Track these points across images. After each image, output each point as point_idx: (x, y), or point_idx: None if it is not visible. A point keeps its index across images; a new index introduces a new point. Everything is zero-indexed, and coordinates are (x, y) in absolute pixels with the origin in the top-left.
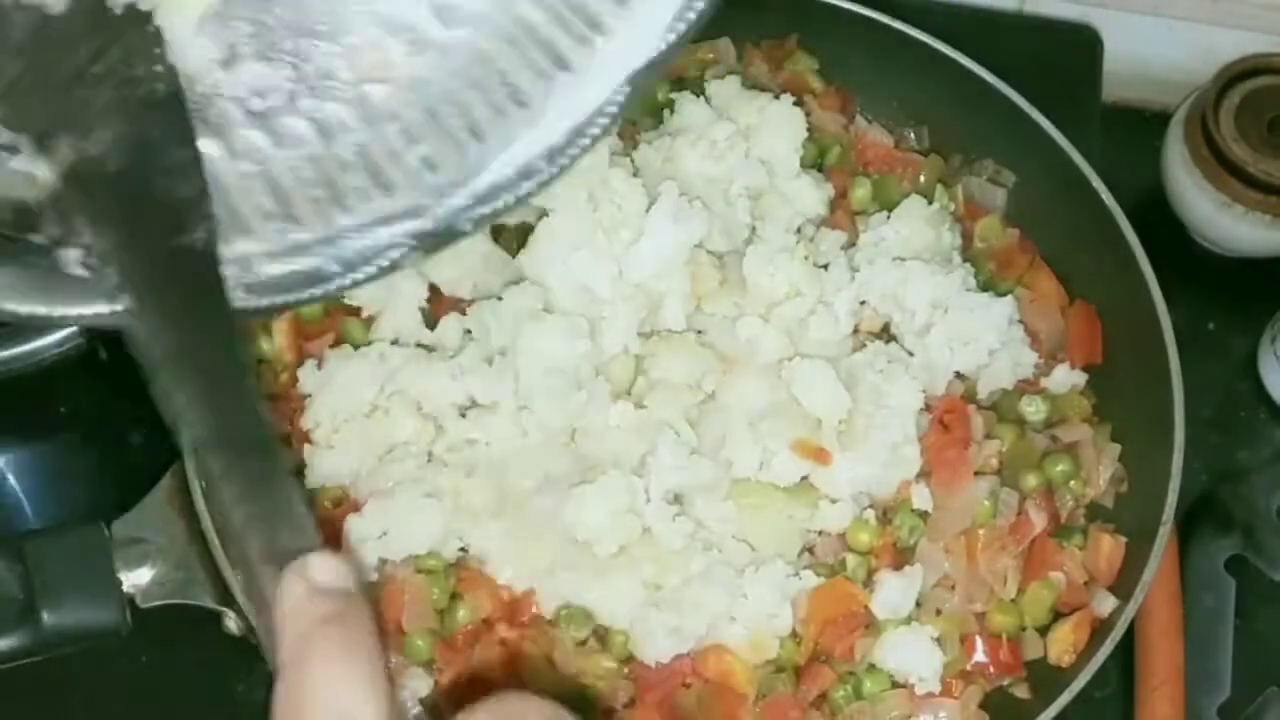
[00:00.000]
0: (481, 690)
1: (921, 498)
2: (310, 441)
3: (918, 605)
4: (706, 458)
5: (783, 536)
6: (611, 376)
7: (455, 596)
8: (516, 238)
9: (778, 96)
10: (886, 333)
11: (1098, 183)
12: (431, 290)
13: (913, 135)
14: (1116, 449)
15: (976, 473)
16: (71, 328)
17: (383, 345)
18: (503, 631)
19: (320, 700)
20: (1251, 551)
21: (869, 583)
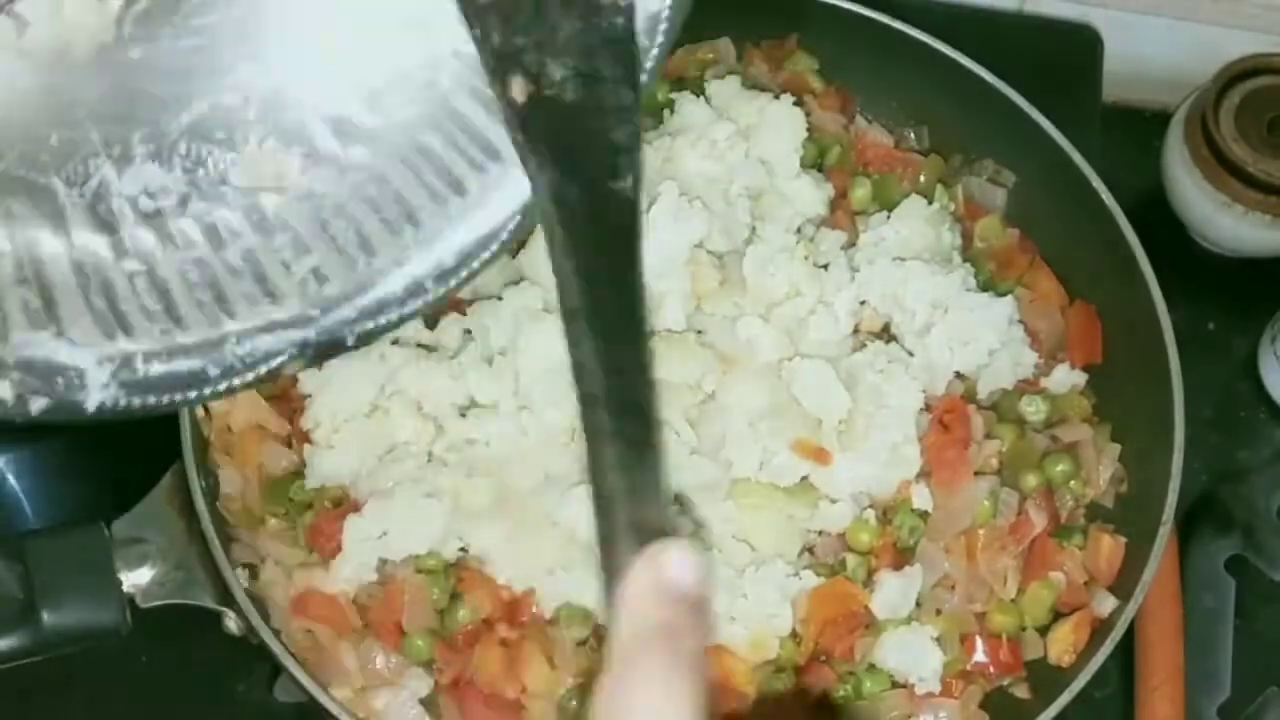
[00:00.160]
0: (482, 690)
1: (921, 498)
2: (310, 441)
3: (918, 605)
4: (706, 458)
5: (783, 536)
6: None
7: (455, 596)
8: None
9: (778, 96)
10: (886, 333)
11: (1098, 183)
12: None
13: (913, 135)
14: (1116, 449)
15: (976, 473)
16: None
17: (383, 345)
18: (503, 631)
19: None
20: (1251, 551)
21: (869, 583)
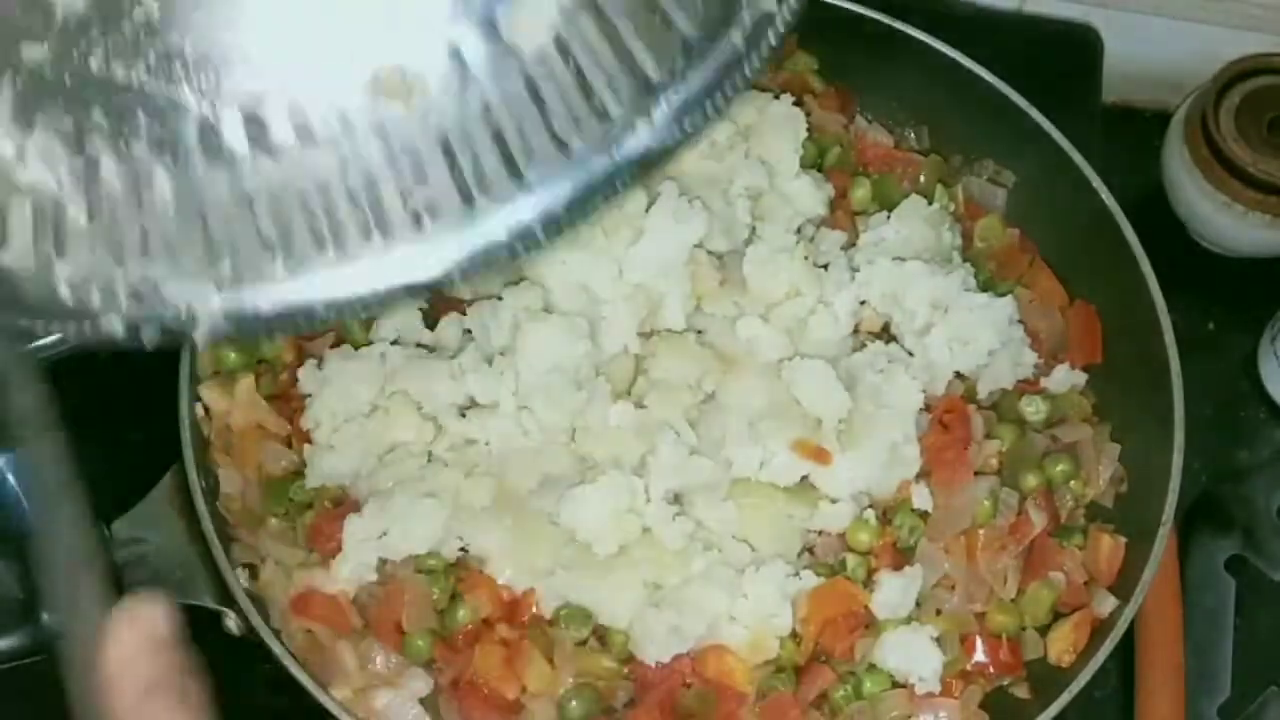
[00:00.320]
0: (482, 690)
1: (921, 498)
2: (310, 441)
3: (918, 605)
4: (706, 458)
5: (783, 536)
6: (611, 376)
7: (455, 596)
8: None
9: (778, 96)
10: (886, 333)
11: (1098, 183)
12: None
13: (913, 135)
14: (1116, 449)
15: (976, 473)
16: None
17: (383, 345)
18: (503, 631)
19: None
20: (1251, 551)
21: (869, 583)
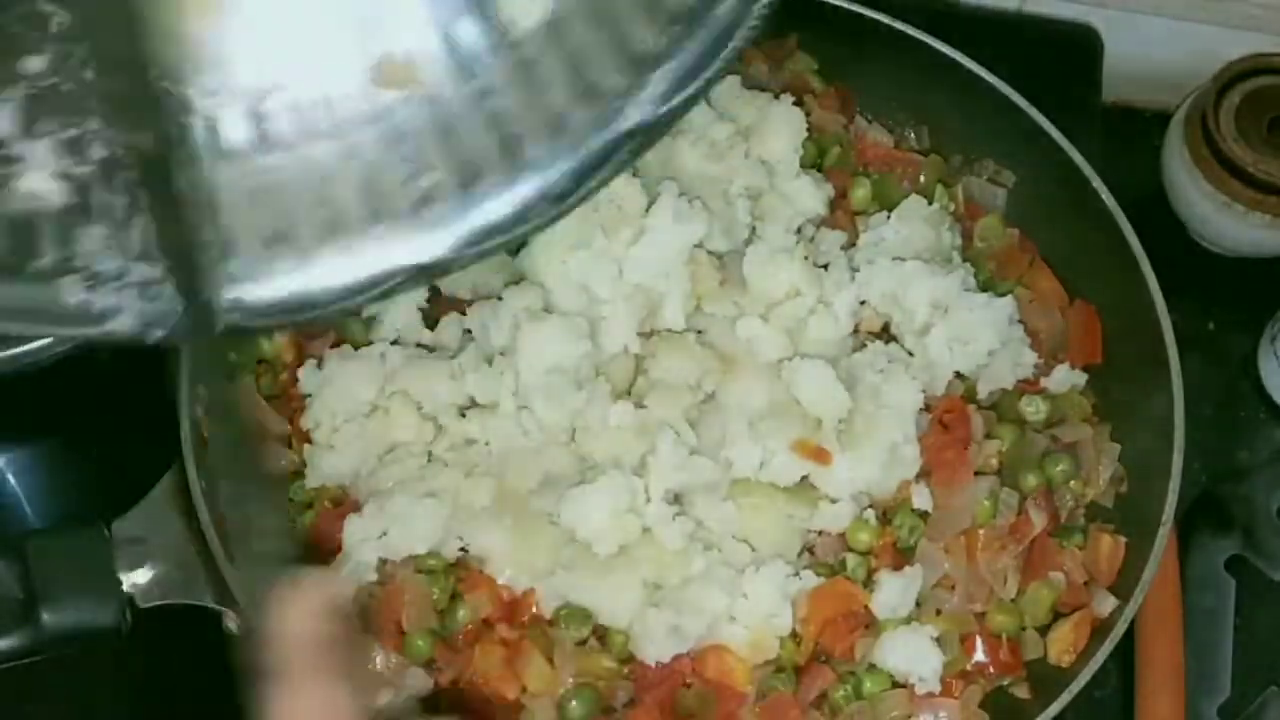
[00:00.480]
0: (482, 690)
1: (921, 498)
2: (310, 441)
3: (918, 605)
4: (706, 458)
5: (783, 536)
6: (611, 376)
7: (455, 596)
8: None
9: (778, 96)
10: (886, 333)
11: (1098, 183)
12: (431, 290)
13: (913, 135)
14: (1116, 449)
15: (976, 473)
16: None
17: (383, 345)
18: (503, 631)
19: None
20: (1251, 551)
21: (869, 583)
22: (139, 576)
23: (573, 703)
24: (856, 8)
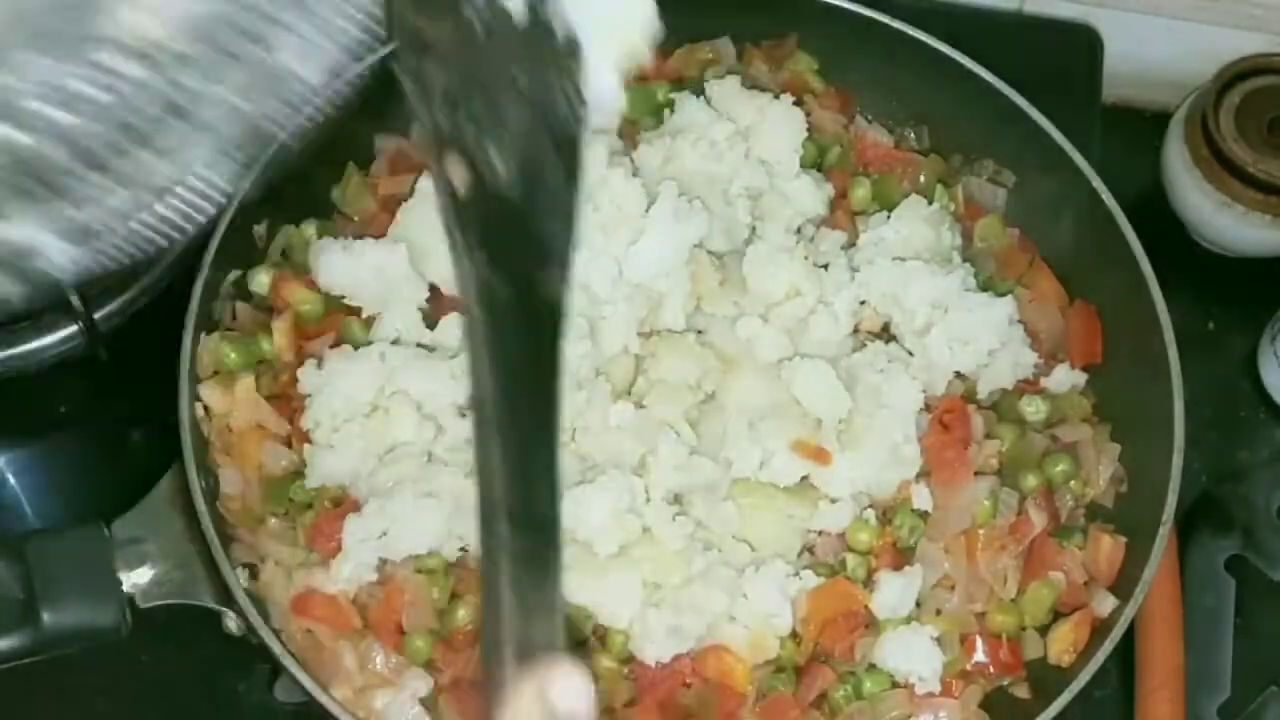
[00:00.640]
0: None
1: (921, 498)
2: (310, 441)
3: (918, 605)
4: (706, 458)
5: (783, 536)
6: (611, 376)
7: (455, 596)
8: None
9: (778, 96)
10: (886, 333)
11: (1098, 183)
12: (431, 290)
13: (913, 135)
14: (1116, 449)
15: (976, 473)
16: (71, 328)
17: (383, 345)
18: None
19: None
20: (1251, 551)
21: (869, 583)
22: (139, 576)
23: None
24: (856, 8)
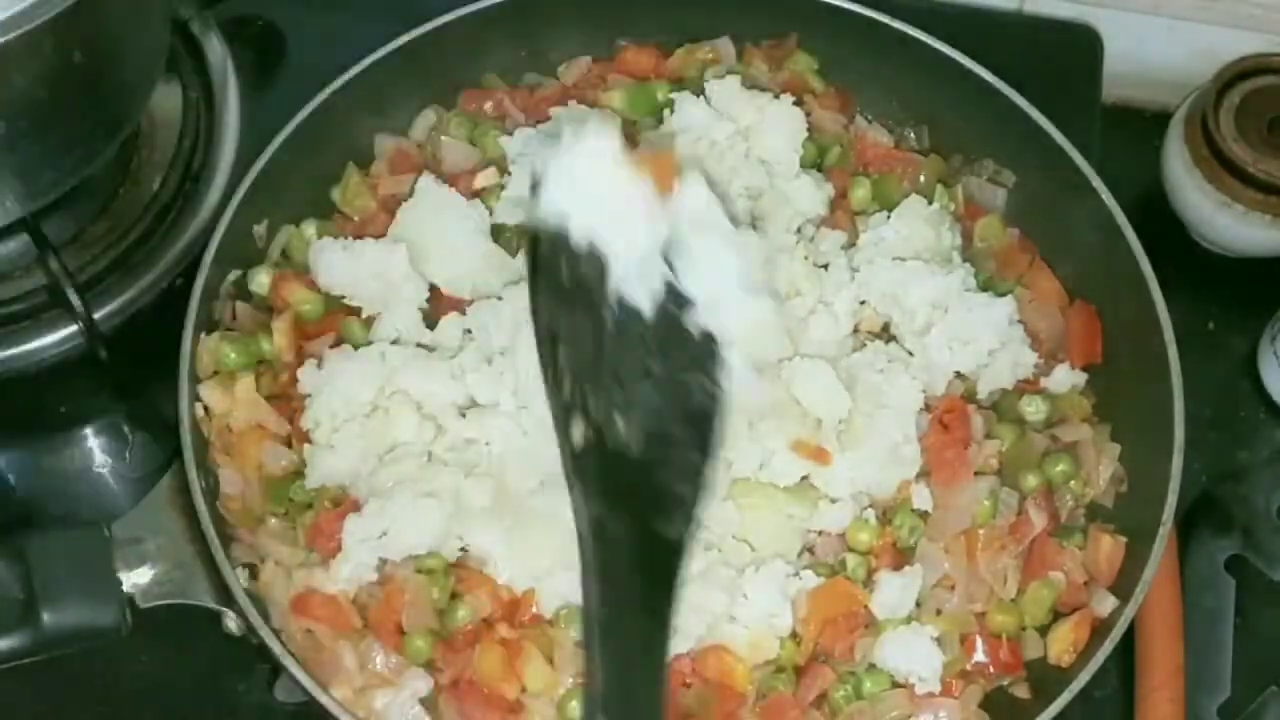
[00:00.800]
0: (482, 690)
1: (921, 498)
2: (310, 441)
3: (918, 605)
4: None
5: (783, 536)
6: None
7: (455, 596)
8: (516, 238)
9: (778, 96)
10: (886, 333)
11: (1098, 183)
12: (431, 290)
13: (913, 135)
14: (1116, 449)
15: (976, 473)
16: (71, 328)
17: (383, 345)
18: (503, 631)
19: None
20: (1251, 551)
21: (869, 583)
22: (139, 576)
23: (573, 703)
24: (856, 8)
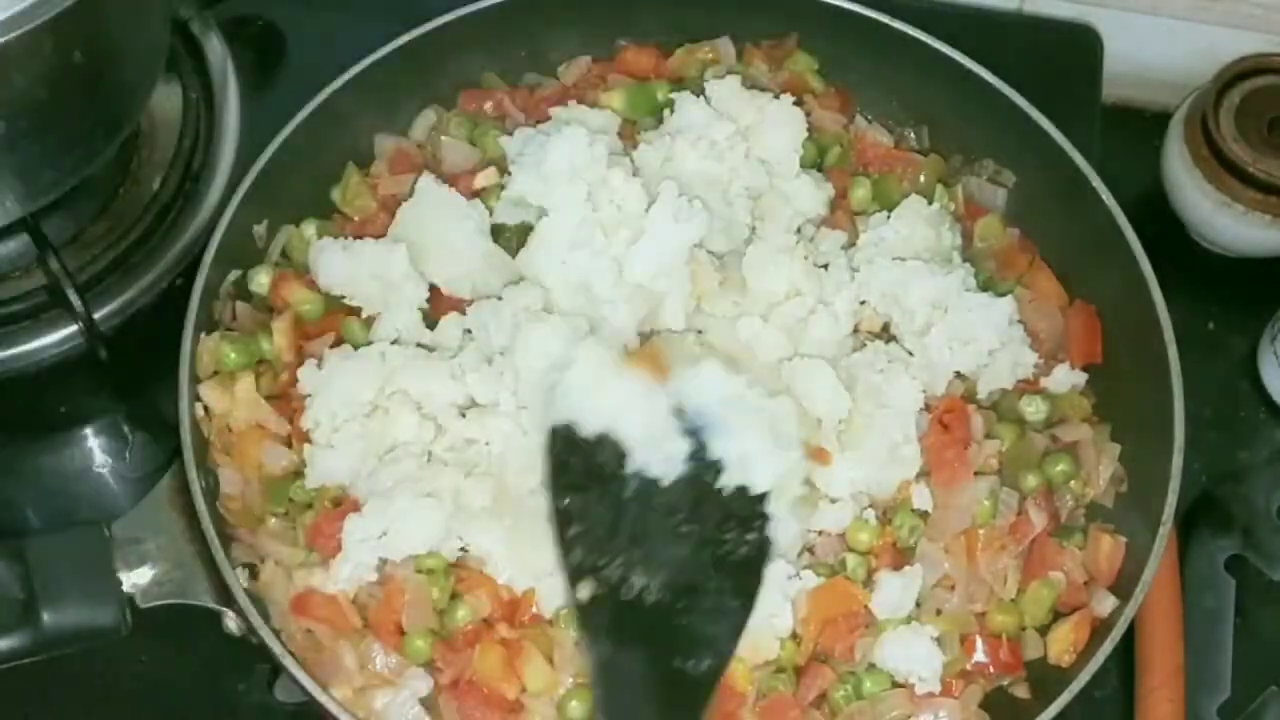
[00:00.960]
0: (482, 690)
1: (921, 498)
2: (310, 441)
3: (918, 605)
4: None
5: (783, 536)
6: None
7: (455, 596)
8: (516, 238)
9: (778, 96)
10: (886, 333)
11: (1098, 183)
12: (431, 290)
13: (913, 135)
14: (1116, 449)
15: (976, 473)
16: (71, 328)
17: (383, 345)
18: (503, 631)
19: None
20: (1251, 551)
21: (869, 583)
22: (139, 576)
23: (573, 703)
24: (857, 8)
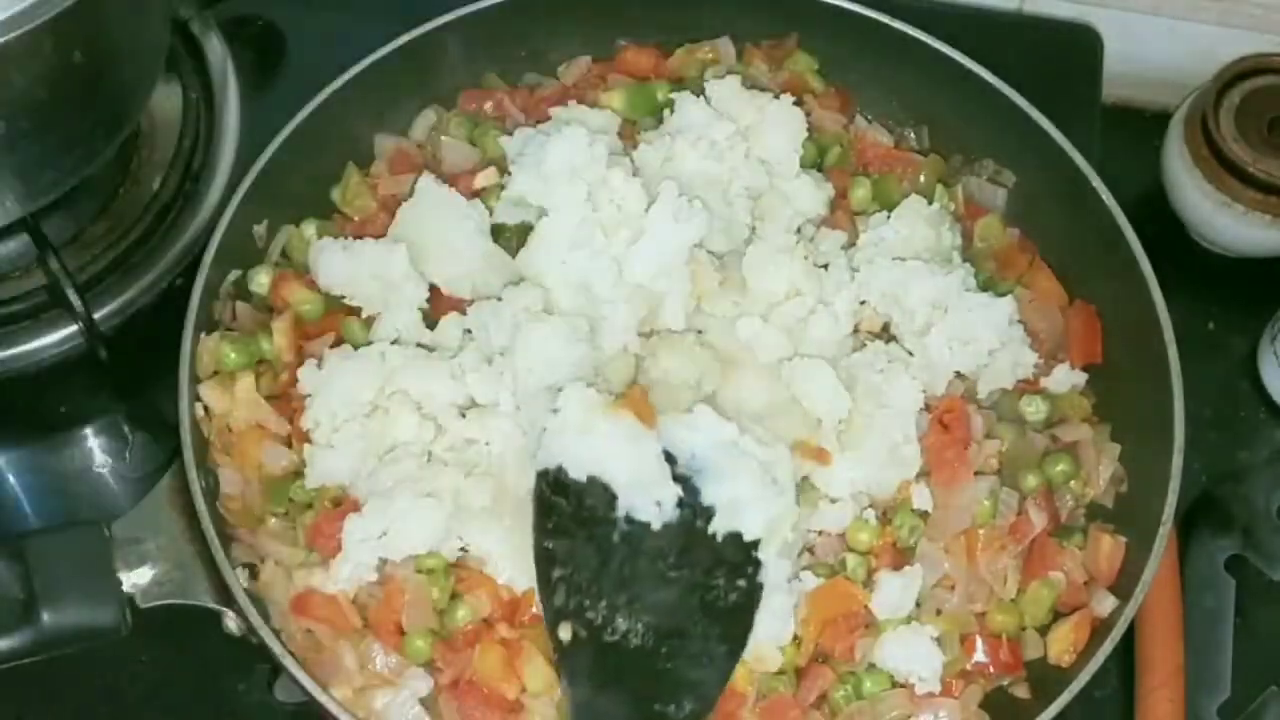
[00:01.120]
0: (482, 690)
1: (921, 498)
2: (310, 441)
3: (918, 605)
4: None
5: None
6: (611, 376)
7: (455, 596)
8: (516, 238)
9: (778, 96)
10: (886, 333)
11: (1098, 183)
12: (431, 290)
13: (913, 135)
14: (1116, 449)
15: (976, 473)
16: (71, 328)
17: (383, 345)
18: (503, 631)
19: None
20: (1251, 551)
21: (869, 583)
22: (139, 576)
23: None
24: (857, 8)
